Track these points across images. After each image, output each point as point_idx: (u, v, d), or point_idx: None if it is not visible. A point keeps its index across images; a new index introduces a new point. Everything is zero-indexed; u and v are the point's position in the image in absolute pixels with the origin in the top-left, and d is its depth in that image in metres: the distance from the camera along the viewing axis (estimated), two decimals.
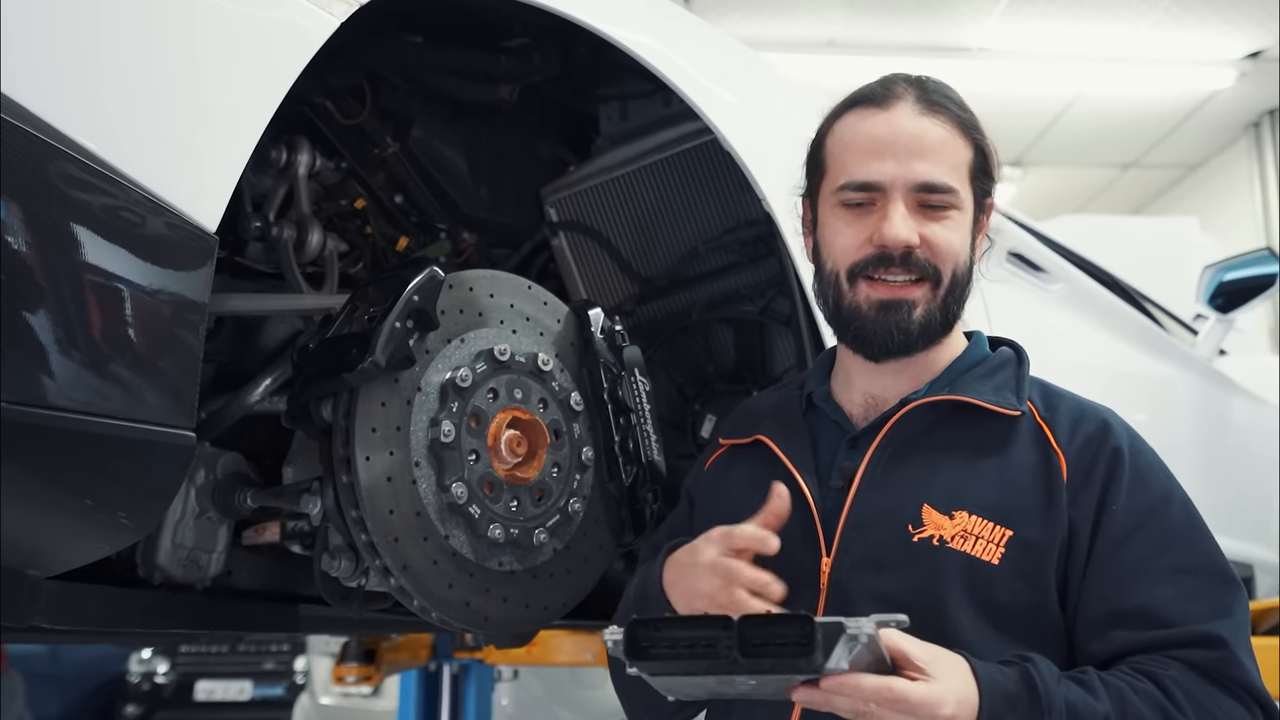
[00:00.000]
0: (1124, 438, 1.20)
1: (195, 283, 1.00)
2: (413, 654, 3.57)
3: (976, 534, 1.14)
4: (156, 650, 7.11)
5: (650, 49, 1.52)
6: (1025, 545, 1.14)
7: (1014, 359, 1.28)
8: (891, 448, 1.22)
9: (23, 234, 0.88)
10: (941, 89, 1.27)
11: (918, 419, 1.22)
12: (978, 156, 1.25)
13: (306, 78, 1.11)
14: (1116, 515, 1.14)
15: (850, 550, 1.18)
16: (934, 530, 1.15)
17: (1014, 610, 1.13)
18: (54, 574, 1.13)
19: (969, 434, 1.21)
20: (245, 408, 1.45)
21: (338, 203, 1.70)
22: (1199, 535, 1.17)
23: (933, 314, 1.21)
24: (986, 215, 1.29)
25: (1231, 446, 3.47)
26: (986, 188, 1.27)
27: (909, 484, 1.19)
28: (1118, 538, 1.14)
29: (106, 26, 0.96)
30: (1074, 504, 1.15)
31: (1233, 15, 6.56)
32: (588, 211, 1.88)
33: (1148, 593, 1.11)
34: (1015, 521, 1.15)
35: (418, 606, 1.31)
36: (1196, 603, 1.11)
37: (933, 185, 1.19)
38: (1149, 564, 1.13)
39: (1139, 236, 4.95)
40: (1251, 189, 8.25)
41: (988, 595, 1.13)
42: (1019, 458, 1.19)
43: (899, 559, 1.15)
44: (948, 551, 1.14)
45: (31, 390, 0.88)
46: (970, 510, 1.15)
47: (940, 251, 1.20)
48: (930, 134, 1.21)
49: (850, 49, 6.86)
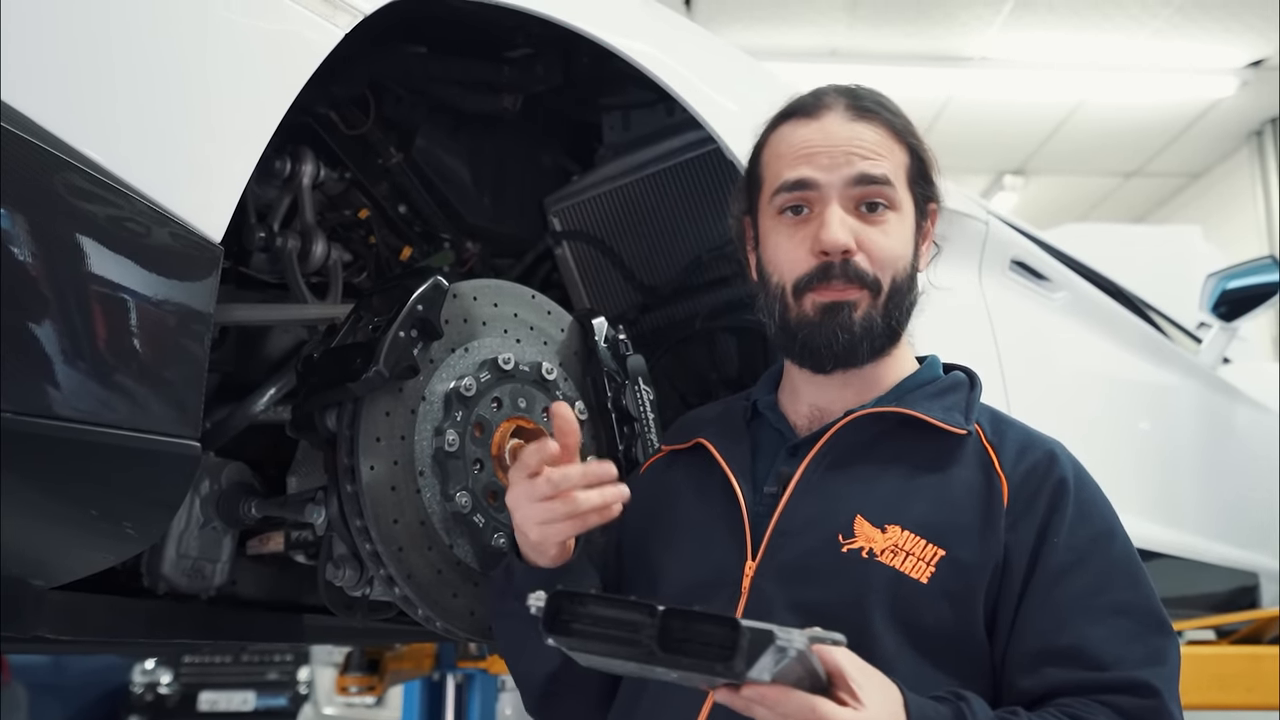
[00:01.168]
0: (1069, 469, 1.17)
1: (200, 293, 1.00)
2: (416, 664, 3.57)
3: (908, 550, 1.11)
4: (160, 661, 7.11)
5: (653, 58, 1.52)
6: (956, 566, 1.11)
7: (966, 382, 1.26)
8: (831, 456, 1.20)
9: (28, 244, 0.88)
10: (873, 95, 1.26)
11: (861, 429, 1.20)
12: (914, 161, 1.24)
13: (310, 88, 1.12)
14: (1058, 548, 1.12)
15: (776, 556, 1.15)
16: (864, 542, 1.12)
17: (937, 632, 1.10)
18: (59, 584, 1.13)
19: (912, 449, 1.18)
20: (249, 417, 1.45)
21: (341, 213, 1.70)
22: (1138, 575, 1.14)
23: (873, 319, 1.19)
24: (931, 221, 1.28)
25: (1236, 454, 3.47)
26: (927, 193, 1.26)
27: (844, 494, 1.16)
28: (1056, 571, 1.11)
29: (111, 37, 0.97)
30: (1012, 530, 1.13)
31: (1234, 24, 6.56)
32: (591, 221, 1.89)
33: (1083, 632, 1.08)
34: (949, 541, 1.12)
35: (422, 616, 1.31)
36: (1131, 646, 1.08)
37: (869, 176, 1.18)
38: (1086, 602, 1.10)
39: (1142, 245, 4.94)
40: (1254, 197, 8.25)
41: (912, 614, 1.10)
42: (960, 477, 1.16)
43: (825, 568, 1.13)
44: (876, 565, 1.11)
45: (37, 400, 0.88)
46: (904, 525, 1.13)
47: (878, 258, 1.19)
48: (864, 136, 1.20)
49: (852, 58, 6.87)
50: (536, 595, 0.94)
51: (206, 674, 7.26)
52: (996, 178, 8.69)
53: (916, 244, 1.24)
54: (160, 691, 7.13)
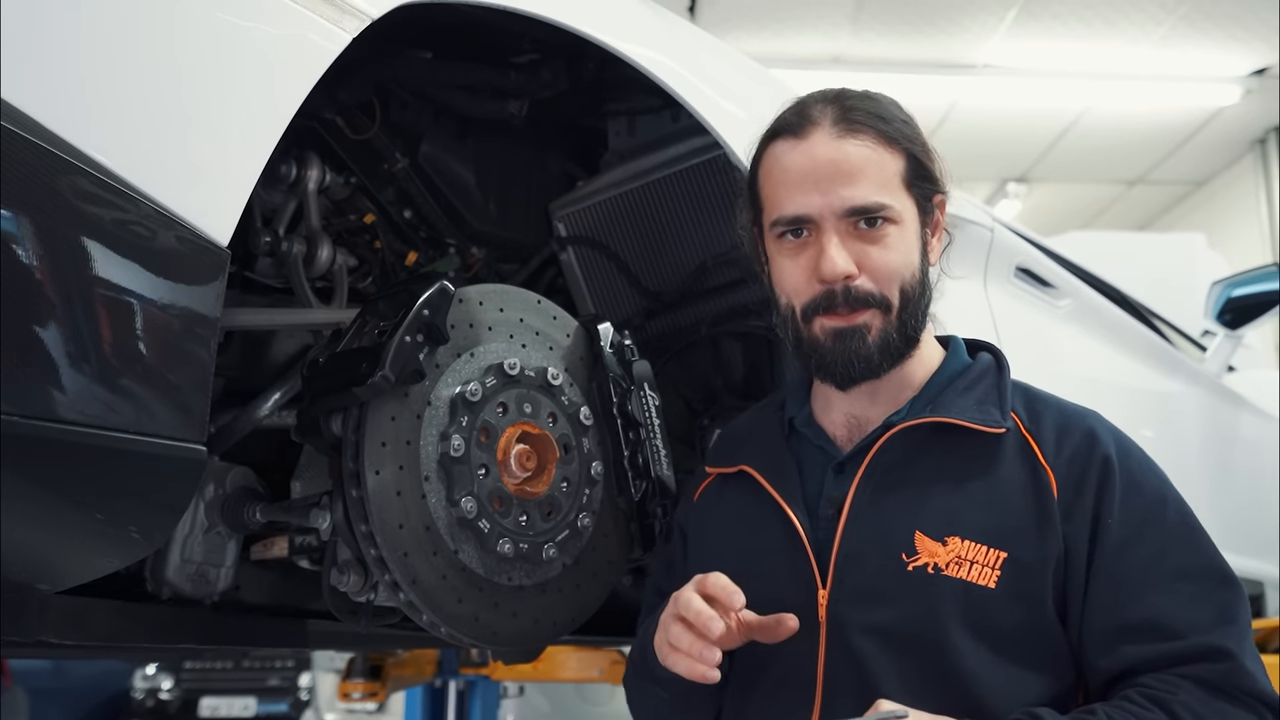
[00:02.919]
0: (1111, 444, 1.18)
1: (206, 296, 1.00)
2: (418, 670, 3.56)
3: (971, 559, 1.13)
4: (161, 666, 7.10)
5: (659, 64, 1.52)
6: (1020, 566, 1.12)
7: (994, 366, 1.27)
8: (878, 474, 1.20)
9: (35, 247, 0.88)
10: (861, 103, 1.22)
11: (901, 443, 1.21)
12: (911, 163, 1.22)
13: (317, 93, 1.12)
14: (1112, 526, 1.13)
15: (845, 581, 1.17)
16: (928, 558, 1.13)
17: (1013, 633, 1.12)
18: (63, 589, 1.12)
19: (955, 455, 1.19)
20: (254, 422, 1.45)
21: (347, 218, 1.70)
22: (1194, 536, 1.16)
23: (889, 336, 1.20)
24: (941, 211, 1.27)
25: (1241, 462, 3.46)
26: (930, 190, 1.24)
27: (898, 511, 1.17)
28: (1116, 548, 1.13)
29: (118, 41, 0.96)
30: (1068, 520, 1.14)
31: (1238, 32, 6.57)
32: (596, 226, 1.89)
33: (1151, 603, 1.11)
34: (1009, 543, 1.13)
35: (427, 621, 1.30)
36: (1200, 609, 1.10)
37: (861, 208, 1.17)
38: (1149, 572, 1.12)
39: (1146, 252, 4.93)
40: (1257, 205, 8.25)
41: (986, 620, 1.11)
42: (1007, 477, 1.17)
43: (894, 589, 1.14)
44: (943, 579, 1.12)
45: (42, 403, 0.88)
46: (963, 535, 1.14)
47: (881, 275, 1.18)
48: (850, 157, 1.18)
49: (856, 66, 6.88)
50: None
51: (207, 680, 7.25)
52: (1000, 185, 8.69)
53: (924, 243, 1.24)
54: (161, 697, 7.12)
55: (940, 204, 1.27)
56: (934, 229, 1.26)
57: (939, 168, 1.26)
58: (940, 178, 1.26)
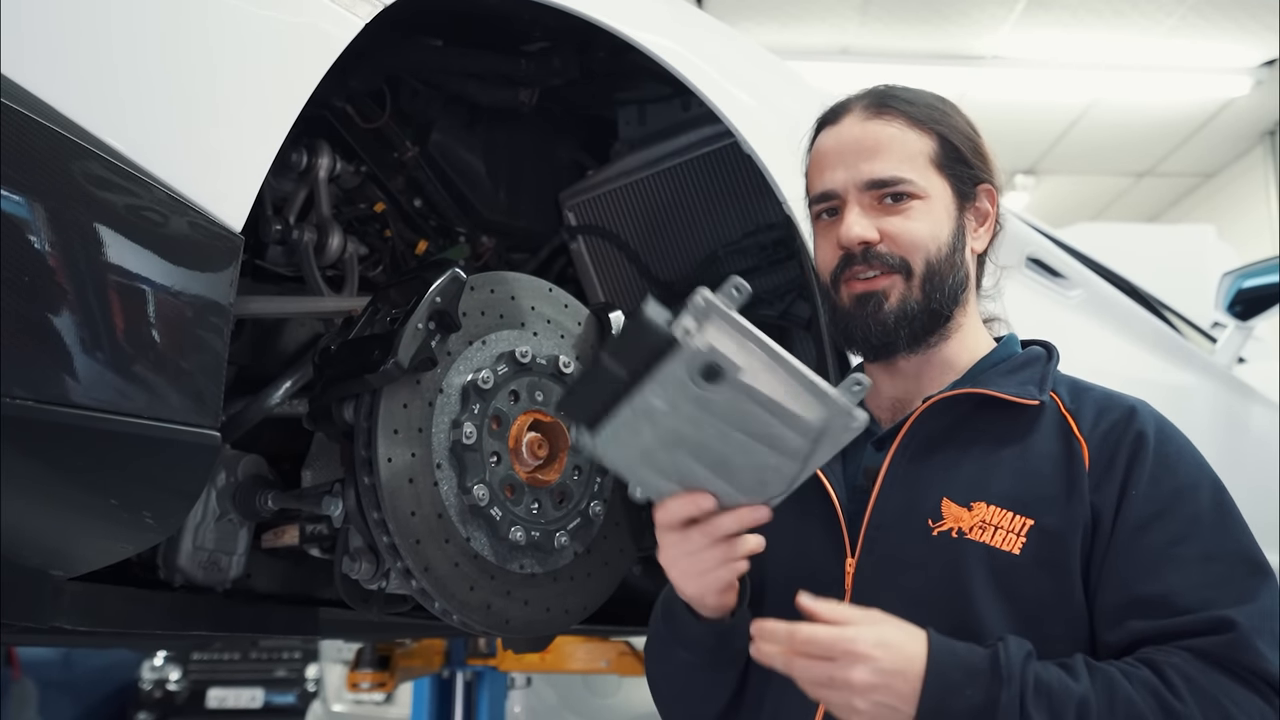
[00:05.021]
0: (1149, 424, 1.17)
1: (221, 283, 1.00)
2: (426, 661, 3.57)
3: (995, 524, 1.12)
4: (169, 658, 7.12)
5: (671, 52, 1.51)
6: (1046, 534, 1.11)
7: (1043, 356, 1.27)
8: (913, 445, 1.21)
9: (50, 233, 0.88)
10: (895, 90, 1.27)
11: (939, 415, 1.21)
12: (944, 145, 1.24)
13: (327, 81, 1.11)
14: (1137, 500, 1.11)
15: (873, 550, 1.18)
16: (953, 523, 1.14)
17: (1038, 600, 1.11)
18: (77, 574, 1.13)
19: (991, 427, 1.19)
20: (265, 410, 1.45)
21: (357, 206, 1.70)
22: (1228, 522, 1.12)
23: (909, 304, 1.21)
24: (989, 202, 1.28)
25: (1251, 454, 3.45)
26: (967, 174, 1.25)
27: (930, 479, 1.18)
28: (1138, 523, 1.11)
29: (134, 28, 0.96)
30: (1097, 491, 1.12)
31: (1248, 23, 6.53)
32: (606, 215, 1.88)
33: (1167, 580, 1.08)
34: (1035, 510, 1.12)
35: (439, 609, 1.30)
36: (1218, 590, 1.07)
37: (880, 180, 1.21)
38: (1170, 551, 1.09)
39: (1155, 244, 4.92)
40: (1267, 196, 8.22)
41: (1010, 586, 1.11)
42: (1040, 447, 1.16)
43: (920, 554, 1.14)
44: (967, 543, 1.12)
45: (57, 389, 0.88)
46: (989, 500, 1.14)
47: (902, 241, 1.21)
48: (876, 134, 1.23)
49: (864, 57, 6.86)
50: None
51: (215, 671, 7.28)
52: (1008, 177, 8.66)
53: (959, 225, 1.25)
54: (169, 688, 7.14)
55: (988, 194, 1.28)
56: (980, 217, 1.27)
57: (983, 157, 1.27)
58: (983, 166, 1.27)
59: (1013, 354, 1.28)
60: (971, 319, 1.28)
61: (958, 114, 1.28)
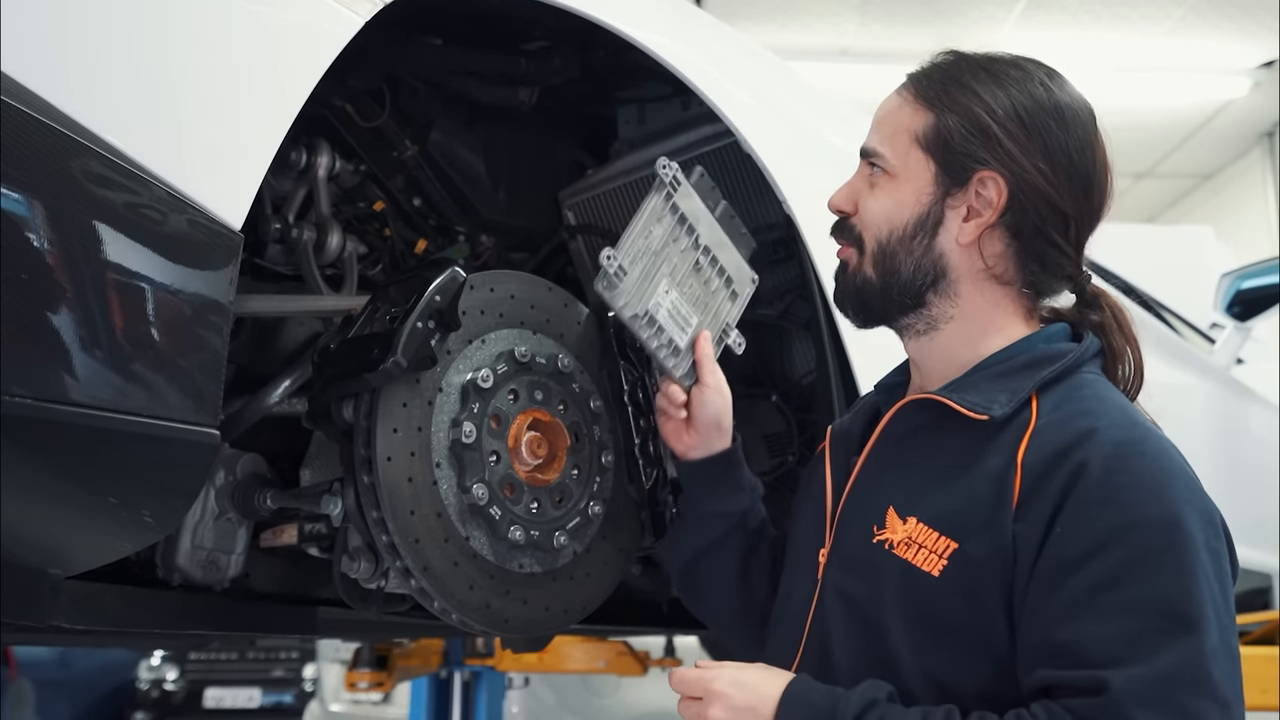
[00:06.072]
0: (1101, 451, 1.04)
1: (220, 281, 1.00)
2: (424, 661, 3.57)
3: (920, 542, 1.09)
4: (166, 657, 7.12)
5: (671, 51, 1.51)
6: (968, 560, 1.06)
7: (1054, 358, 1.15)
8: (883, 447, 1.22)
9: (49, 231, 0.88)
10: (944, 60, 1.22)
11: (905, 419, 1.21)
12: (941, 125, 1.16)
13: (327, 80, 1.11)
14: (1063, 537, 1.02)
15: (839, 547, 1.20)
16: (889, 534, 1.13)
17: (952, 625, 1.06)
18: (76, 573, 1.13)
19: (951, 438, 1.13)
20: (264, 409, 1.44)
21: (356, 205, 1.69)
22: (1166, 568, 0.99)
23: (862, 280, 1.22)
24: (994, 192, 1.15)
25: (1249, 455, 3.46)
26: (962, 160, 1.15)
27: (885, 485, 1.18)
28: (1064, 562, 1.01)
29: (134, 26, 0.96)
30: (1020, 520, 1.04)
31: (1247, 24, 6.54)
32: (606, 215, 1.88)
33: (1085, 629, 0.98)
34: (962, 533, 1.07)
35: (438, 608, 1.30)
36: (1129, 645, 0.97)
37: (864, 150, 1.24)
38: (1091, 597, 0.99)
39: (1154, 245, 4.93)
40: (1266, 198, 8.23)
41: (924, 607, 1.08)
42: (987, 466, 1.08)
43: (860, 559, 1.16)
44: (891, 557, 1.11)
45: (56, 387, 0.88)
46: (919, 517, 1.10)
47: (864, 218, 1.22)
48: (888, 104, 1.24)
49: (863, 57, 6.86)
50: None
51: (212, 671, 7.28)
52: None
53: (932, 212, 1.17)
54: (166, 688, 7.14)
55: (995, 184, 1.15)
56: (982, 204, 1.16)
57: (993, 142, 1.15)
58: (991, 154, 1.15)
59: (1025, 352, 1.17)
60: (971, 312, 1.19)
61: (1005, 96, 1.17)
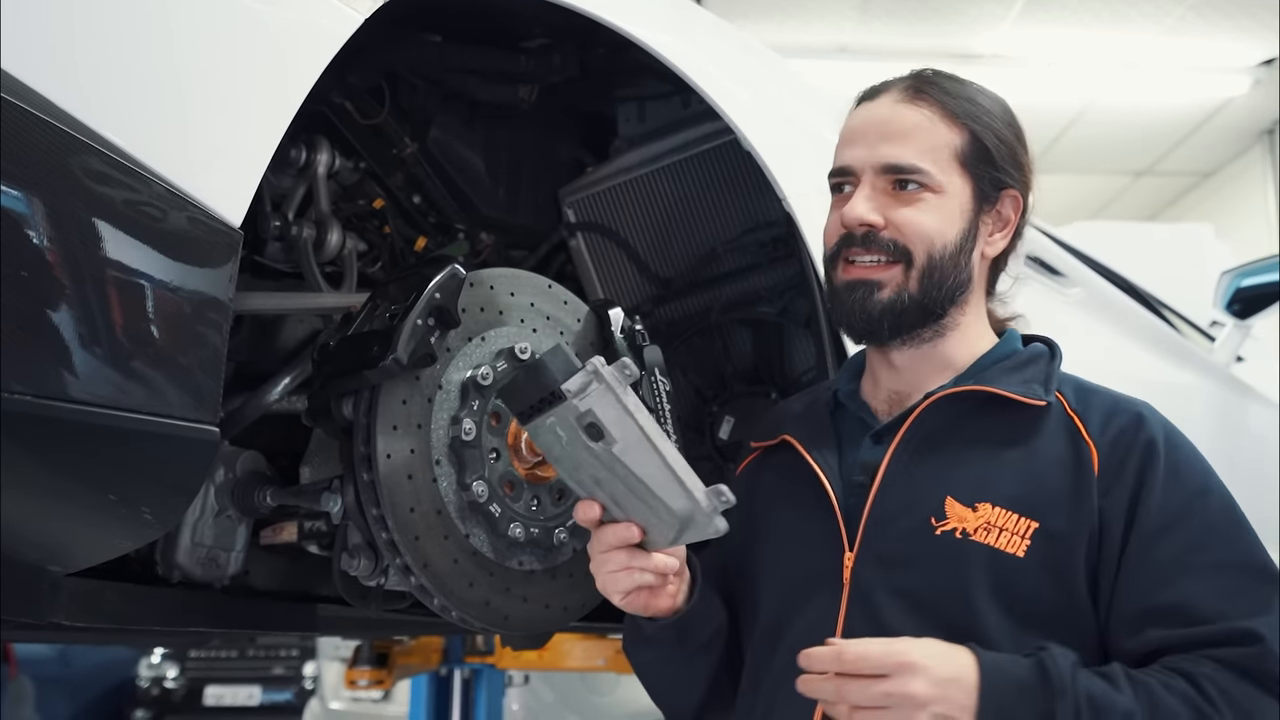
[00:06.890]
0: (1159, 430, 1.16)
1: (220, 278, 1.00)
2: (424, 658, 3.57)
3: (1000, 526, 1.12)
4: (166, 655, 7.12)
5: (671, 48, 1.51)
6: (1051, 537, 1.11)
7: (1046, 354, 1.26)
8: (915, 441, 1.20)
9: (49, 228, 0.87)
10: (939, 78, 1.25)
11: (942, 411, 1.21)
12: (974, 144, 1.21)
13: (326, 77, 1.11)
14: (1151, 510, 1.11)
15: (872, 546, 1.17)
16: (957, 523, 1.13)
17: (1040, 605, 1.11)
18: (76, 570, 1.13)
19: (994, 426, 1.18)
20: (263, 407, 1.44)
21: (356, 202, 1.69)
22: (1238, 530, 1.13)
23: (903, 297, 1.20)
24: (1012, 209, 1.26)
25: (1250, 453, 3.45)
26: (993, 177, 1.23)
27: (932, 477, 1.17)
28: (1152, 533, 1.11)
29: (134, 23, 0.96)
30: (1106, 496, 1.12)
31: (1247, 22, 6.53)
32: (606, 213, 1.88)
33: (1183, 589, 1.08)
34: (1040, 513, 1.12)
35: (438, 605, 1.30)
36: (1233, 600, 1.07)
37: (896, 166, 1.20)
38: (1184, 560, 1.09)
39: (1153, 243, 4.92)
40: (1265, 196, 8.22)
41: (1013, 589, 1.10)
42: (1046, 449, 1.16)
43: (921, 553, 1.14)
44: (971, 544, 1.12)
45: (55, 384, 0.88)
46: (994, 502, 1.13)
47: (907, 231, 1.19)
48: (904, 119, 1.22)
49: (863, 55, 6.85)
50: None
51: (212, 668, 7.27)
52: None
53: (972, 226, 1.23)
54: (166, 685, 7.14)
55: (1013, 200, 1.25)
56: (1000, 222, 1.26)
57: (1016, 162, 1.24)
58: (1015, 172, 1.24)
59: (1014, 351, 1.27)
60: (972, 319, 1.27)
61: (1002, 114, 1.26)
